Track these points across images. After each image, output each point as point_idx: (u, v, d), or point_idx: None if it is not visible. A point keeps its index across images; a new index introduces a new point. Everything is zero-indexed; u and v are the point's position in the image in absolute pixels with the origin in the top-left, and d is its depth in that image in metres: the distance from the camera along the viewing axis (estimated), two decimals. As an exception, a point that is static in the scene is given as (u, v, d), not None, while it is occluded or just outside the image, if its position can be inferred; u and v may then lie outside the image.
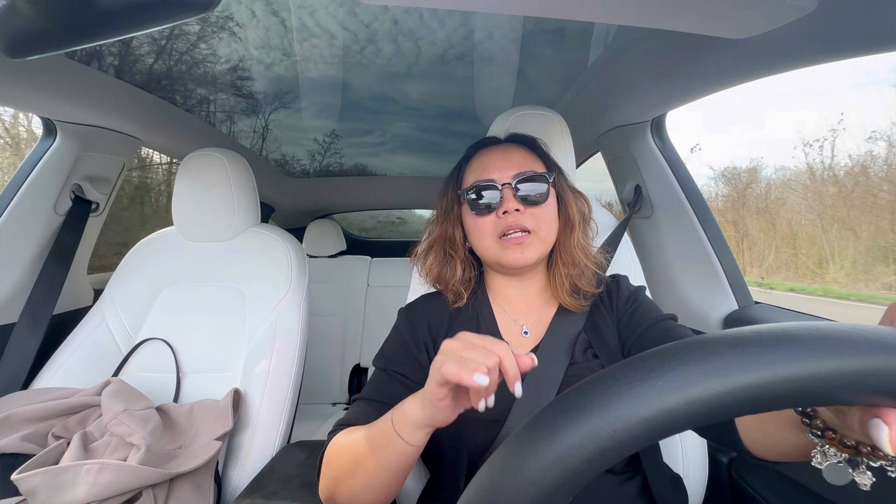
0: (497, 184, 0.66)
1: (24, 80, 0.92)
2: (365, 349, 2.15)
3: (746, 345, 0.22)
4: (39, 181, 1.13)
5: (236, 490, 0.90)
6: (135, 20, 0.45)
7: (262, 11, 0.91)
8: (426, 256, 0.75)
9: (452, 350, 0.42)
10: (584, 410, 0.23)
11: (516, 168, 0.67)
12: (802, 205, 7.75)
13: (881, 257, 6.24)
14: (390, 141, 1.79)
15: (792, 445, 0.38)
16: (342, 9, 0.89)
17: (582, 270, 0.68)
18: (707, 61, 0.85)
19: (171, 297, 1.11)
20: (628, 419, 0.22)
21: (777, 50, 0.72)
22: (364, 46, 1.05)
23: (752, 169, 8.96)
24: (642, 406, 0.22)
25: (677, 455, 0.80)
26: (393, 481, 0.50)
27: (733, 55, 0.79)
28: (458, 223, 0.73)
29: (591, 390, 0.24)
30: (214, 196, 1.11)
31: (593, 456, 0.22)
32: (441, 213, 0.75)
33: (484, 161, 0.70)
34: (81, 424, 0.87)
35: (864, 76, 27.89)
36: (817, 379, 0.21)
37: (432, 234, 0.75)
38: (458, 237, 0.72)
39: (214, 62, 1.12)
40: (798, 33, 0.66)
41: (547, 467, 0.22)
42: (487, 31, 0.99)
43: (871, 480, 0.26)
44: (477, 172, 0.69)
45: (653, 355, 0.24)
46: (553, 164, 0.73)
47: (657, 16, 0.61)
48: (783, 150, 12.08)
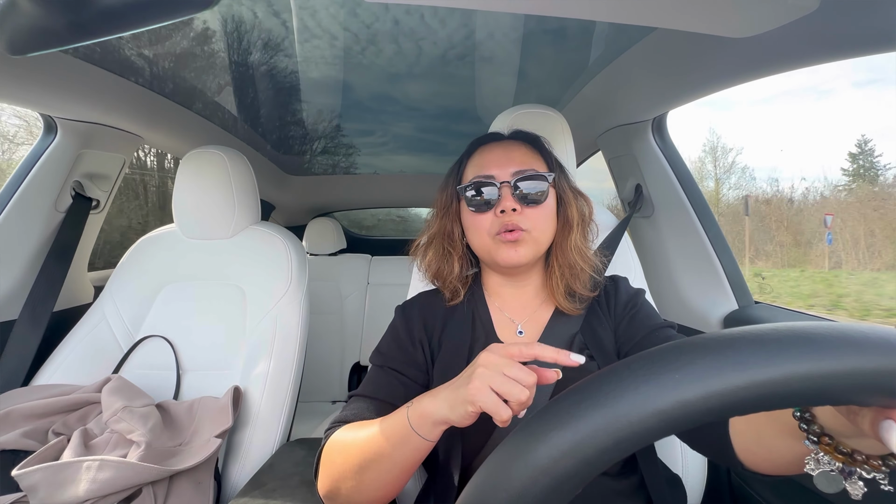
0: (496, 181, 0.66)
1: (24, 76, 0.92)
2: (365, 347, 2.16)
3: (766, 341, 0.22)
4: (40, 178, 1.13)
5: (236, 487, 0.90)
6: (135, 17, 0.45)
7: (264, 13, 0.91)
8: (426, 251, 0.74)
9: (495, 366, 0.43)
10: (600, 400, 0.23)
11: (517, 166, 0.66)
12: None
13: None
14: (392, 141, 1.79)
15: (787, 454, 0.38)
16: (343, 10, 0.89)
17: (577, 274, 0.67)
18: (708, 60, 0.85)
19: (171, 295, 1.12)
20: (644, 410, 0.22)
21: (778, 49, 0.72)
22: (365, 47, 1.05)
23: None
24: (659, 397, 0.22)
25: (676, 455, 0.80)
26: (404, 475, 0.50)
27: (735, 54, 0.79)
28: (456, 219, 0.72)
29: (606, 380, 0.24)
30: (215, 194, 1.11)
31: (607, 446, 0.22)
32: (440, 207, 0.74)
33: (485, 157, 0.69)
34: (82, 421, 0.88)
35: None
36: (835, 377, 0.21)
37: (432, 228, 0.75)
38: (457, 233, 0.72)
39: (216, 61, 1.12)
40: (799, 33, 0.66)
41: (558, 457, 0.22)
42: (488, 31, 0.98)
43: (863, 490, 0.27)
44: (477, 168, 0.69)
45: (670, 349, 0.24)
46: (555, 163, 0.72)
47: (658, 15, 0.61)
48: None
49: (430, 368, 0.67)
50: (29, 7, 0.46)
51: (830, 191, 7.05)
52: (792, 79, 8.08)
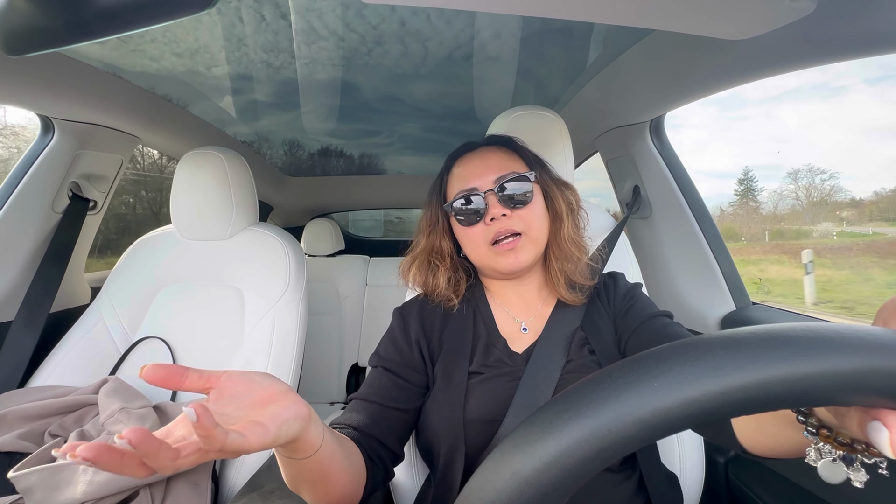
0: (480, 191, 0.66)
1: (22, 76, 0.91)
2: (363, 348, 2.15)
3: (742, 346, 0.22)
4: (37, 179, 1.13)
5: (233, 489, 0.90)
6: (135, 17, 0.45)
7: (272, 15, 0.91)
8: (409, 270, 0.75)
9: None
10: (581, 411, 0.23)
11: (496, 172, 0.67)
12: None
13: None
14: (398, 142, 1.79)
15: (787, 442, 0.38)
16: (350, 11, 0.89)
17: (576, 263, 0.68)
18: (706, 62, 0.85)
19: (168, 296, 1.11)
20: (624, 419, 0.22)
21: (776, 51, 0.73)
22: (372, 48, 1.05)
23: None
24: (638, 406, 0.22)
25: (674, 454, 0.80)
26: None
27: (733, 56, 0.79)
28: (445, 234, 0.73)
29: (587, 390, 0.24)
30: (213, 195, 1.11)
31: (589, 456, 0.22)
32: (427, 225, 0.74)
33: (463, 170, 0.70)
34: (78, 423, 0.87)
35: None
36: (813, 379, 0.21)
37: (417, 247, 0.75)
38: (446, 248, 0.72)
39: (217, 62, 1.12)
40: (797, 34, 0.66)
41: (542, 468, 0.22)
42: (489, 33, 0.98)
43: (866, 478, 0.27)
44: (458, 182, 0.69)
45: (649, 356, 0.24)
46: (533, 159, 0.72)
47: (657, 17, 0.61)
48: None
49: (428, 369, 0.67)
50: (27, 7, 0.46)
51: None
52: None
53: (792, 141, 27.26)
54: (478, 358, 0.66)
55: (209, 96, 1.31)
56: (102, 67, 1.06)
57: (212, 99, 1.34)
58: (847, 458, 0.27)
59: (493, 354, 0.66)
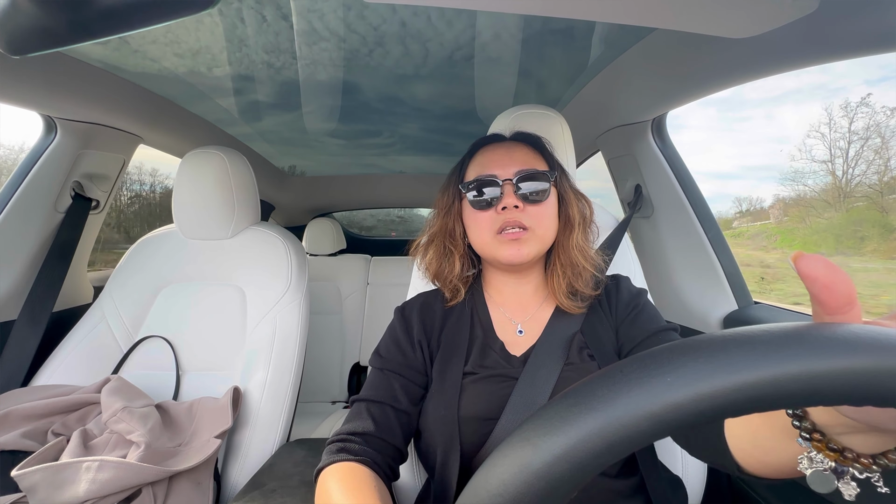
0: (498, 179, 0.66)
1: (24, 76, 0.92)
2: (364, 347, 2.16)
3: (756, 343, 0.23)
4: (39, 178, 1.13)
5: (235, 488, 0.90)
6: (135, 17, 0.45)
7: (273, 16, 0.91)
8: (426, 249, 0.75)
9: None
10: (592, 404, 0.23)
11: (519, 165, 0.67)
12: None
13: None
14: (399, 142, 1.79)
15: (782, 456, 0.38)
16: (351, 12, 0.89)
17: (580, 272, 0.68)
18: (708, 61, 0.85)
19: (171, 295, 1.12)
20: (636, 414, 0.22)
21: (778, 49, 0.72)
22: (373, 49, 1.05)
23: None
24: (650, 401, 0.22)
25: (676, 457, 0.80)
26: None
27: (735, 55, 0.79)
28: (458, 218, 0.73)
29: (599, 384, 0.24)
30: (214, 194, 1.11)
31: (600, 450, 0.22)
32: (442, 207, 0.75)
33: (487, 157, 0.70)
34: (81, 422, 0.88)
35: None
36: (827, 378, 0.21)
37: (433, 227, 0.75)
38: (458, 232, 0.72)
39: (218, 62, 1.12)
40: (799, 33, 0.66)
41: (552, 461, 0.23)
42: (490, 33, 0.98)
43: (856, 491, 0.27)
44: (479, 168, 0.69)
45: (661, 352, 0.24)
46: (556, 163, 0.73)
47: (658, 15, 0.61)
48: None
49: (428, 369, 0.67)
50: (29, 7, 0.46)
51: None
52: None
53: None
54: (473, 358, 0.66)
55: (211, 96, 1.31)
56: (104, 68, 1.07)
57: (213, 99, 1.34)
58: (838, 470, 0.28)
59: (490, 356, 0.66)
